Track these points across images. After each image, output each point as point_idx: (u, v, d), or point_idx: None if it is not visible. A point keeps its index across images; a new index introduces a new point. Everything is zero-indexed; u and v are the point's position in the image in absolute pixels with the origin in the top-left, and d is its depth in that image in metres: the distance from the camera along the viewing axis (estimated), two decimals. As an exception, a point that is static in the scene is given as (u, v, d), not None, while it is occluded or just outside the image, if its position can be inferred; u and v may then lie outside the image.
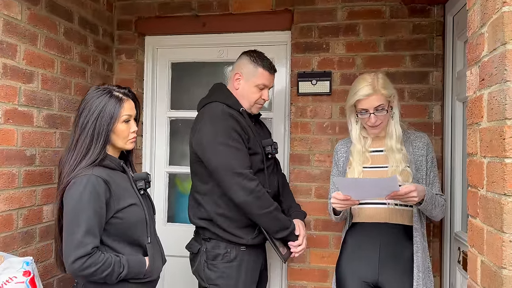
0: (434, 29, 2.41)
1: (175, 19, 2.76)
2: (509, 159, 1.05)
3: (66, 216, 1.52)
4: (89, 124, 1.59)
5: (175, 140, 2.93)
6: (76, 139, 1.60)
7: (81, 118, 1.61)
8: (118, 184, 1.60)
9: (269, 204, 1.96)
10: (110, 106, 1.61)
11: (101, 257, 1.49)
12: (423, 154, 1.94)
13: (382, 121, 1.90)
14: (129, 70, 2.80)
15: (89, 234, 1.48)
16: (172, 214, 2.93)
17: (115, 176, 1.62)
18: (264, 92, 2.11)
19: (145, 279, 1.62)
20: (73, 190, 1.52)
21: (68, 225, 1.50)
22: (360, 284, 1.89)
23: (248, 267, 2.04)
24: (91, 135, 1.58)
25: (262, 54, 2.15)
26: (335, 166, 2.10)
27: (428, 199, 1.79)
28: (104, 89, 1.65)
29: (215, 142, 1.95)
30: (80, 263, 1.45)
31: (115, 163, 1.65)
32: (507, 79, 1.05)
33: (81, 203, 1.49)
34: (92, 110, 1.60)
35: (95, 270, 1.47)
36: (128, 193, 1.63)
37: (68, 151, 1.61)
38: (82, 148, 1.58)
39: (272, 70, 2.12)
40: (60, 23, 2.24)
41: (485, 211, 1.18)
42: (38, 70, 2.09)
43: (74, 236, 1.47)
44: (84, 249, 1.46)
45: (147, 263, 1.62)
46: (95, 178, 1.52)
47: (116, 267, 1.51)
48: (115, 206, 1.56)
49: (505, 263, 1.05)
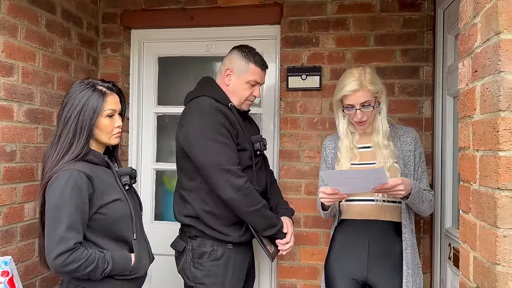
0: (424, 24, 2.38)
1: (161, 12, 2.70)
2: (502, 152, 1.02)
3: (48, 211, 1.49)
4: (71, 118, 1.57)
5: (162, 137, 2.88)
6: (59, 134, 1.58)
7: (64, 112, 1.59)
8: (101, 179, 1.57)
9: (257, 201, 1.92)
10: (93, 100, 1.58)
11: (84, 252, 1.47)
12: (411, 149, 1.91)
13: (368, 117, 1.88)
14: (115, 65, 2.73)
15: (71, 229, 1.46)
16: (159, 212, 2.88)
17: (98, 171, 1.59)
18: (255, 88, 2.06)
19: (131, 276, 1.59)
20: (55, 185, 1.49)
21: (50, 220, 1.48)
22: (349, 282, 1.87)
23: (235, 265, 2.00)
24: (74, 130, 1.56)
25: (254, 49, 2.10)
26: (323, 162, 2.07)
27: (415, 193, 1.76)
28: (87, 83, 1.63)
29: (203, 137, 1.90)
30: (63, 258, 1.43)
31: (98, 158, 1.63)
32: (501, 70, 1.02)
33: (63, 198, 1.47)
34: (75, 104, 1.58)
35: (78, 266, 1.45)
36: (112, 189, 1.60)
37: (51, 146, 1.59)
38: (65, 143, 1.56)
39: (264, 67, 2.08)
40: (41, 15, 2.17)
41: (478, 206, 1.15)
42: (19, 63, 2.02)
43: (56, 232, 1.45)
44: (66, 245, 1.44)
45: (133, 260, 1.59)
46: (77, 173, 1.50)
47: (100, 263, 1.49)
48: (99, 202, 1.54)
49: (499, 259, 1.02)
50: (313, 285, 2.45)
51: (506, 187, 1.01)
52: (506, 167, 1.01)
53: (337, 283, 1.88)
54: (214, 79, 2.13)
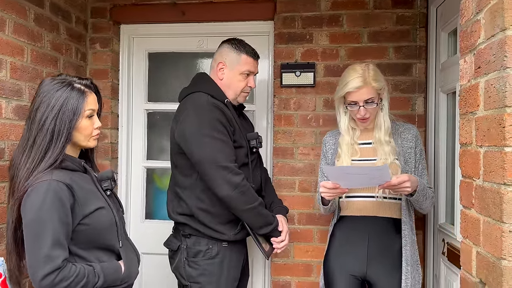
0: (417, 21, 2.40)
1: (152, 6, 2.65)
2: (509, 148, 1.03)
3: (28, 228, 1.35)
4: (48, 121, 1.41)
5: (152, 134, 2.83)
6: (32, 139, 1.42)
7: (37, 114, 1.42)
8: (81, 187, 1.43)
9: (253, 199, 1.90)
10: (72, 100, 1.43)
11: (72, 269, 1.35)
12: (411, 146, 1.91)
13: (371, 114, 1.88)
14: (104, 60, 2.67)
15: (57, 246, 1.33)
16: (150, 210, 2.84)
17: (77, 178, 1.45)
18: (250, 79, 2.05)
19: (123, 285, 1.50)
20: (33, 198, 1.35)
21: (31, 238, 1.34)
22: (348, 278, 1.87)
23: (231, 263, 1.99)
24: (51, 133, 1.41)
25: (243, 41, 2.09)
26: (323, 158, 2.06)
27: (420, 190, 1.76)
28: (62, 81, 1.46)
29: (199, 133, 1.87)
30: (50, 279, 1.31)
31: (75, 163, 1.49)
32: (507, 66, 1.03)
33: (43, 212, 1.33)
34: (51, 105, 1.42)
35: (68, 285, 1.33)
36: (93, 196, 1.47)
37: (23, 153, 1.42)
38: (40, 149, 1.40)
39: (256, 56, 2.06)
40: (30, 9, 2.10)
41: (481, 201, 1.16)
42: (7, 58, 1.95)
43: (40, 251, 1.32)
44: (53, 264, 1.32)
45: (123, 268, 1.49)
46: (56, 183, 1.36)
47: (90, 278, 1.38)
48: (81, 212, 1.41)
49: (504, 253, 1.03)
50: (307, 282, 2.45)
51: (513, 183, 1.02)
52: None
53: (336, 280, 1.88)
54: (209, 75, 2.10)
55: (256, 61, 2.07)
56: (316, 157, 2.46)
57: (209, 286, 1.94)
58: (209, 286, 1.94)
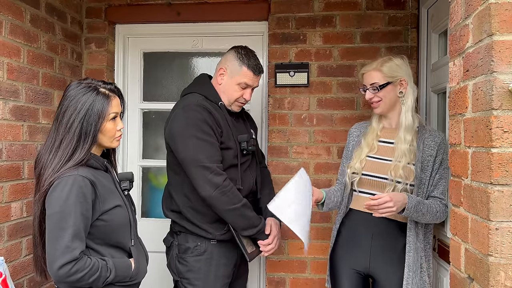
0: (409, 22, 2.44)
1: (147, 7, 2.67)
2: (495, 149, 1.07)
3: (50, 219, 1.42)
4: (75, 124, 1.48)
5: (148, 133, 2.85)
6: (59, 140, 1.49)
7: (65, 117, 1.50)
8: (103, 185, 1.51)
9: (236, 200, 1.90)
10: (98, 104, 1.50)
11: (88, 262, 1.41)
12: (432, 154, 1.82)
13: (380, 98, 1.87)
14: (99, 60, 2.69)
15: (76, 238, 1.40)
16: (146, 209, 2.86)
17: (99, 176, 1.53)
18: (246, 91, 2.04)
19: (131, 282, 1.56)
20: (58, 191, 1.42)
21: (53, 228, 1.40)
22: (351, 273, 1.90)
23: (220, 261, 2.00)
24: (78, 135, 1.48)
25: (252, 52, 2.06)
26: (345, 149, 2.08)
27: (411, 208, 1.69)
28: (89, 85, 1.53)
29: (185, 133, 1.90)
30: (67, 269, 1.37)
31: (99, 162, 1.56)
32: (493, 70, 1.07)
33: (67, 205, 1.40)
34: (78, 108, 1.49)
35: (82, 276, 1.39)
36: (112, 194, 1.54)
37: (50, 153, 1.49)
38: (67, 149, 1.47)
39: (258, 71, 2.03)
40: (26, 10, 2.11)
41: (469, 200, 1.20)
42: (3, 59, 1.96)
43: (61, 241, 1.38)
44: (71, 254, 1.38)
45: (133, 266, 1.56)
46: (82, 179, 1.43)
47: (103, 271, 1.45)
48: (101, 208, 1.48)
49: (491, 250, 1.07)
50: (302, 278, 2.49)
51: (499, 182, 1.06)
52: (499, 163, 1.06)
53: (340, 274, 1.93)
54: (210, 76, 2.12)
55: (258, 76, 2.05)
56: (310, 156, 2.50)
57: (197, 282, 1.97)
58: (197, 282, 1.97)
